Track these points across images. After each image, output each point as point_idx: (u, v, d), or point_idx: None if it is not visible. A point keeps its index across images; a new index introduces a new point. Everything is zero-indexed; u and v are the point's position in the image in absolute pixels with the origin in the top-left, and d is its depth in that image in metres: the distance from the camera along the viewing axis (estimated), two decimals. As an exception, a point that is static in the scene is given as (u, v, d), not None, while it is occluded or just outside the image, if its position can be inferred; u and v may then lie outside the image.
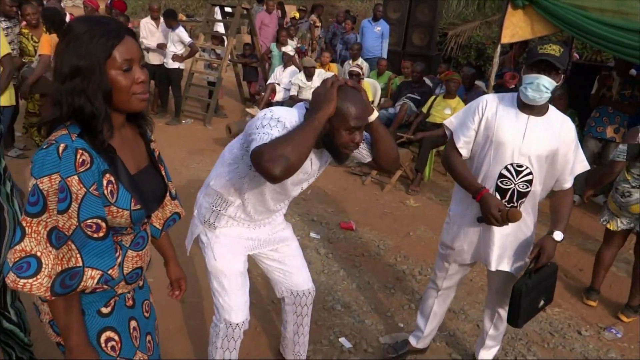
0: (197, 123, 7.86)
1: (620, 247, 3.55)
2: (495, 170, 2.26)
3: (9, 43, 5.11)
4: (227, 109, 8.66)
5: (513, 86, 5.52)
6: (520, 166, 2.22)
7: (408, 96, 6.36)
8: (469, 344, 3.03)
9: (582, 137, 5.55)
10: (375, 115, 1.89)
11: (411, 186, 5.58)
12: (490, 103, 2.29)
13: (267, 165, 1.54)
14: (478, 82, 6.44)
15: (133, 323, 1.54)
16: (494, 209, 2.17)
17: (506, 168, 2.23)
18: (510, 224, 2.24)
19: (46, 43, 4.75)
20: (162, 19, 7.52)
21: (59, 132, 1.28)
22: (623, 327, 3.36)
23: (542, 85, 2.08)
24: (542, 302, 2.35)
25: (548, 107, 2.23)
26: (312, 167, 1.99)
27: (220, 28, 9.22)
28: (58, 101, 1.29)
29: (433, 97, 6.02)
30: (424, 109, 5.96)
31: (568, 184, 2.30)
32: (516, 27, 4.53)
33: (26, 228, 1.26)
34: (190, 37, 7.79)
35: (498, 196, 2.28)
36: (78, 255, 1.29)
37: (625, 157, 3.25)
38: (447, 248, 2.54)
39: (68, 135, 1.27)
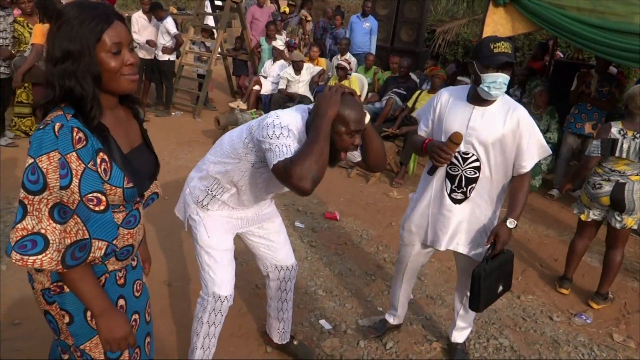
0: (187, 115, 7.93)
1: (591, 238, 3.69)
2: None
3: (1, 32, 5.17)
4: (216, 102, 8.74)
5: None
6: (466, 153, 2.38)
7: (394, 91, 6.48)
8: (445, 327, 3.16)
9: (562, 133, 5.71)
10: (367, 118, 2.03)
11: (395, 179, 5.71)
12: (444, 95, 2.46)
13: (298, 183, 1.73)
14: (461, 78, 6.58)
15: (121, 302, 1.59)
16: (436, 147, 2.33)
17: (454, 155, 2.40)
18: (467, 192, 2.43)
19: (39, 32, 4.79)
20: None
21: (55, 113, 1.35)
22: (593, 313, 3.51)
23: (503, 83, 2.24)
24: (500, 288, 2.45)
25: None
26: None
27: (210, 21, 9.28)
28: (50, 83, 1.35)
29: (418, 92, 6.15)
30: (409, 104, 6.08)
31: (524, 169, 2.40)
32: (497, 25, 4.65)
33: (28, 206, 1.30)
34: (181, 30, 7.85)
35: (448, 182, 2.45)
36: (84, 228, 1.34)
37: (599, 152, 3.39)
38: (401, 228, 2.74)
39: (63, 115, 1.34)
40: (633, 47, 4.06)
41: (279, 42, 8.04)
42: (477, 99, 2.34)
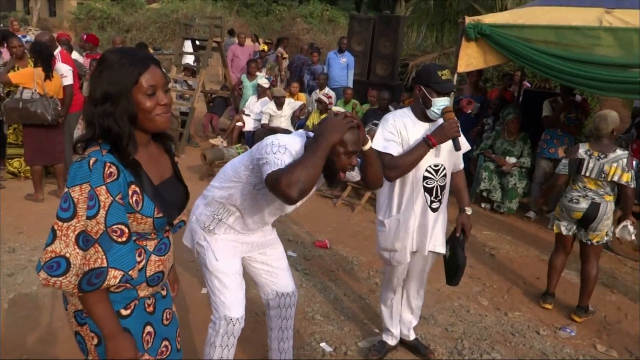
0: (170, 152, 8.01)
1: (568, 253, 3.91)
2: (418, 175, 2.67)
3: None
4: (198, 139, 8.87)
5: (469, 111, 5.96)
6: (437, 165, 2.68)
7: (374, 122, 6.73)
8: (439, 345, 3.30)
9: (534, 158, 6.00)
10: (369, 144, 2.23)
11: (380, 207, 5.88)
12: (396, 119, 2.67)
13: (285, 190, 1.82)
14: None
15: (148, 328, 1.67)
16: (446, 125, 2.54)
17: (427, 170, 2.66)
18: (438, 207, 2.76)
19: (26, 72, 4.84)
20: None
21: (92, 148, 1.48)
22: (576, 326, 3.69)
23: (447, 105, 2.58)
24: None
25: None
26: None
27: (190, 60, 9.49)
28: (91, 122, 1.49)
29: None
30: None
31: (462, 164, 2.87)
32: (470, 58, 4.96)
33: (57, 231, 1.43)
34: (162, 69, 8.03)
35: (427, 195, 2.69)
36: (104, 256, 1.44)
37: (567, 171, 3.65)
38: (389, 251, 2.84)
39: (99, 150, 1.47)
40: (595, 75, 4.39)
41: (264, 80, 8.26)
42: (427, 117, 2.63)
